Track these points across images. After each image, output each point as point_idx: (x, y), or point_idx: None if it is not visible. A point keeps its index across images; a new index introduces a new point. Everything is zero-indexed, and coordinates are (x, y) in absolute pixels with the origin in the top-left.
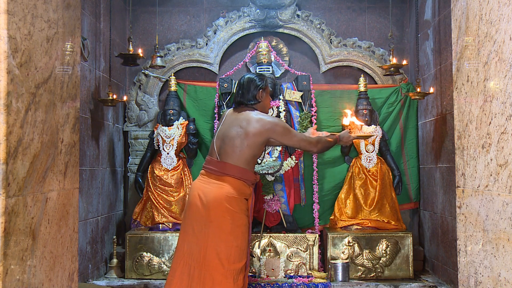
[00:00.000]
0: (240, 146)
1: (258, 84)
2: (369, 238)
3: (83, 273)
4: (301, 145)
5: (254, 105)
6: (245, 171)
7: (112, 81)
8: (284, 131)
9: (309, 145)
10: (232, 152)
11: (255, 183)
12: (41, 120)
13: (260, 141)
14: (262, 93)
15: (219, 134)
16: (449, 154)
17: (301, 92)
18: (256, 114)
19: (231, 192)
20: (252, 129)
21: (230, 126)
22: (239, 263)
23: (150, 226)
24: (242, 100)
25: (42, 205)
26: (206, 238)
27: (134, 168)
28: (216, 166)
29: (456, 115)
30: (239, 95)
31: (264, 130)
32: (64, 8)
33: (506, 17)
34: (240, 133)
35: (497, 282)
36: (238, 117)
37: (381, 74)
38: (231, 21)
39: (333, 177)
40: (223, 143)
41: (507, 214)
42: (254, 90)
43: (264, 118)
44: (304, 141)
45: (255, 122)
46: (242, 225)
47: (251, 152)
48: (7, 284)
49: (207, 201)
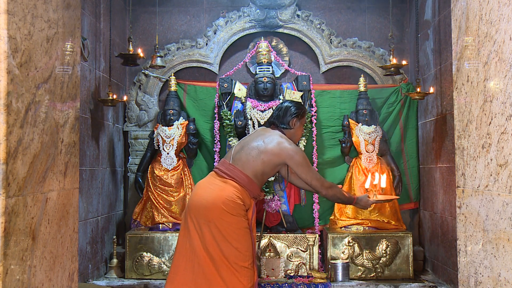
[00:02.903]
0: (255, 157)
1: (294, 112)
2: (369, 238)
3: (83, 273)
4: (312, 183)
5: (285, 130)
6: (251, 182)
7: (112, 81)
8: (302, 163)
9: (320, 187)
10: (246, 160)
11: (257, 199)
12: (41, 120)
13: (276, 162)
14: (296, 121)
15: (243, 141)
16: (449, 154)
17: (301, 92)
18: (281, 137)
19: (231, 196)
20: (271, 147)
21: (255, 137)
22: (242, 263)
23: (150, 226)
24: (275, 122)
25: (42, 205)
26: (208, 235)
27: (134, 168)
28: (225, 168)
29: (456, 115)
30: (273, 116)
31: (282, 153)
32: (64, 8)
33: (506, 17)
34: (260, 146)
35: (497, 282)
36: (265, 133)
37: (381, 74)
38: (231, 21)
39: (333, 177)
40: (242, 150)
41: (507, 214)
42: (289, 116)
43: (286, 143)
44: (318, 181)
45: (276, 143)
46: (241, 227)
47: (263, 168)
48: (7, 284)
49: (207, 201)
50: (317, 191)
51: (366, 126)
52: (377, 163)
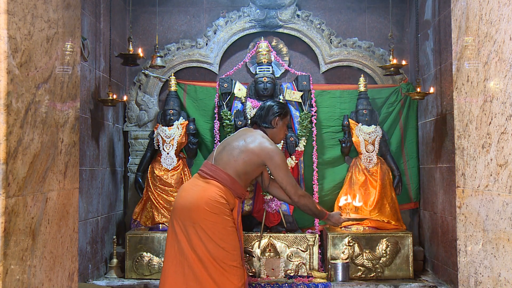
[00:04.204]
0: (236, 157)
1: (277, 111)
2: (369, 238)
3: (83, 273)
4: (287, 188)
5: (267, 129)
6: (234, 182)
7: (112, 81)
8: (280, 165)
9: (294, 193)
10: (227, 160)
11: (242, 198)
12: (41, 120)
13: (257, 162)
14: (279, 121)
15: (224, 141)
16: (449, 154)
17: (301, 92)
18: (263, 137)
19: (213, 196)
20: (252, 146)
21: (237, 137)
22: (231, 263)
23: (150, 226)
24: (258, 121)
25: (42, 205)
26: (195, 236)
27: (134, 168)
28: (208, 169)
29: (456, 115)
30: (256, 116)
31: (262, 153)
32: (64, 8)
33: (506, 17)
34: (241, 146)
35: (497, 282)
36: (247, 132)
37: (381, 74)
38: (231, 21)
39: (333, 177)
40: (223, 150)
41: (507, 214)
42: (271, 115)
43: (267, 143)
44: (293, 187)
45: (258, 143)
46: (226, 227)
47: (245, 167)
48: (7, 284)
49: (190, 203)
50: (290, 197)
51: (366, 126)
52: (377, 163)
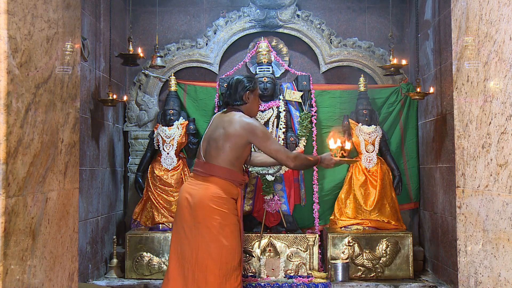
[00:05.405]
0: (222, 147)
1: (246, 85)
2: (369, 238)
3: (83, 273)
4: (278, 156)
5: (240, 106)
6: (231, 172)
7: (112, 81)
8: (263, 137)
9: (286, 159)
10: (216, 153)
11: (244, 184)
12: (41, 120)
13: (241, 143)
14: (250, 94)
15: (205, 136)
16: (449, 154)
17: (301, 92)
18: (239, 116)
19: (217, 192)
20: (232, 130)
21: (215, 128)
22: (232, 262)
23: (150, 226)
24: (229, 101)
25: (42, 205)
26: (197, 239)
27: (134, 168)
28: (202, 168)
29: (456, 115)
30: (226, 95)
31: (243, 131)
32: (64, 8)
33: (506, 17)
34: (222, 135)
35: (497, 282)
36: (223, 118)
37: (381, 74)
38: (231, 21)
39: (333, 177)
40: (209, 145)
41: (507, 214)
42: (241, 91)
43: (245, 120)
44: (282, 153)
45: (235, 124)
46: (230, 224)
47: (234, 153)
48: (7, 284)
49: (194, 203)
50: (285, 164)
51: (366, 126)
52: (377, 163)
